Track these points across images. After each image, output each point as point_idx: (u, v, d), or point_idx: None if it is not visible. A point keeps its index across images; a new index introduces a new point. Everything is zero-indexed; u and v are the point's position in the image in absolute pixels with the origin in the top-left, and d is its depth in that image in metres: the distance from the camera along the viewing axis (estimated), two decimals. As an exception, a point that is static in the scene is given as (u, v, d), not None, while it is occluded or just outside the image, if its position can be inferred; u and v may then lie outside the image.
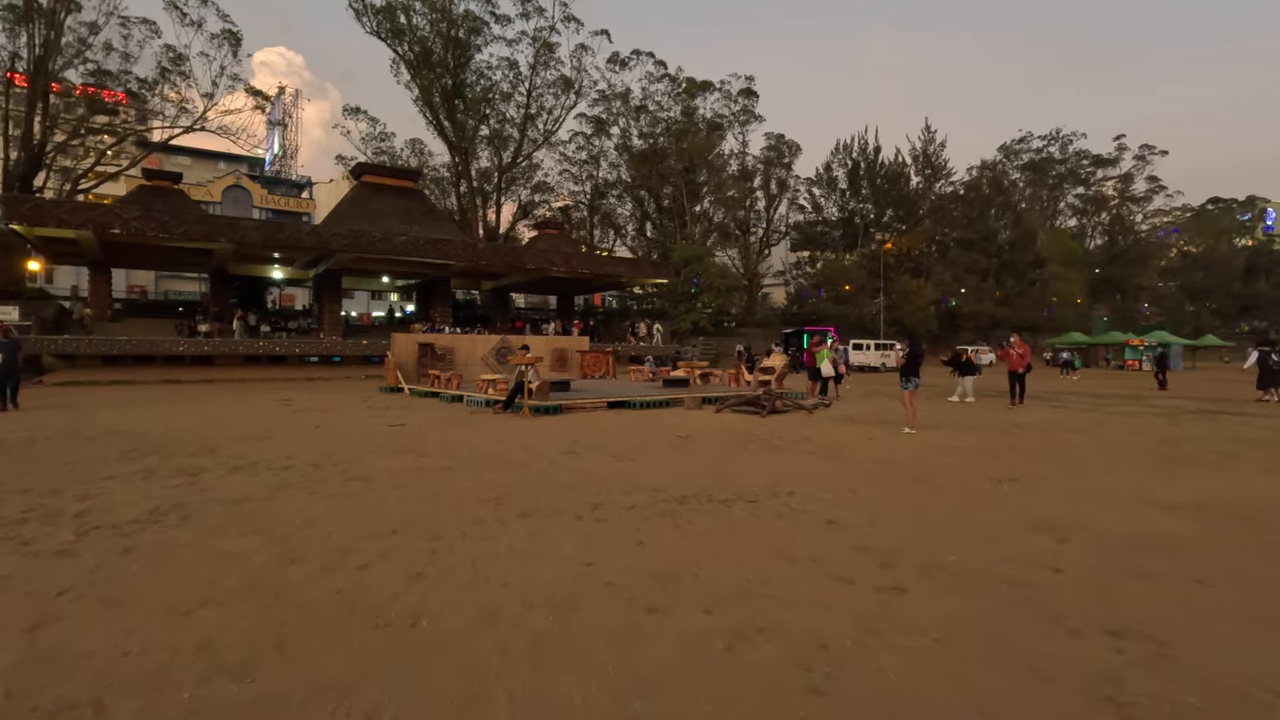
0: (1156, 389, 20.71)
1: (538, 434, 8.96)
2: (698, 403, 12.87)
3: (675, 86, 48.92)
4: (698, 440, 8.48)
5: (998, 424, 10.58)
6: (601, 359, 20.61)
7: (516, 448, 7.74)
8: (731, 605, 3.07)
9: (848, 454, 7.52)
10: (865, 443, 8.43)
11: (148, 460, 6.70)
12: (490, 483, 5.75)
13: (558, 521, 4.48)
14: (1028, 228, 55.50)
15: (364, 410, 12.22)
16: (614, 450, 7.61)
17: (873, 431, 9.57)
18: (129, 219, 22.20)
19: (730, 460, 7.03)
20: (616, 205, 53.19)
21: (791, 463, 6.90)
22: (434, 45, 41.27)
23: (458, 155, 43.61)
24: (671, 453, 7.50)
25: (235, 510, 4.70)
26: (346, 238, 25.75)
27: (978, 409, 13.21)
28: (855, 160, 53.02)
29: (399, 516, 4.56)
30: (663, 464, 6.76)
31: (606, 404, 12.46)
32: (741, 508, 4.92)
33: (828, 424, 10.50)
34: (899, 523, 4.56)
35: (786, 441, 8.44)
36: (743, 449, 7.82)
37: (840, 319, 42.56)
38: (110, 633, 2.70)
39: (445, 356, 18.88)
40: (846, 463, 6.95)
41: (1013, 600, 3.17)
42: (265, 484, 5.59)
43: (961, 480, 6.09)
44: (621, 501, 5.06)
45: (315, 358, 27.56)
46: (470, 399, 13.24)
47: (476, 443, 8.13)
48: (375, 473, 6.13)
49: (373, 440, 8.32)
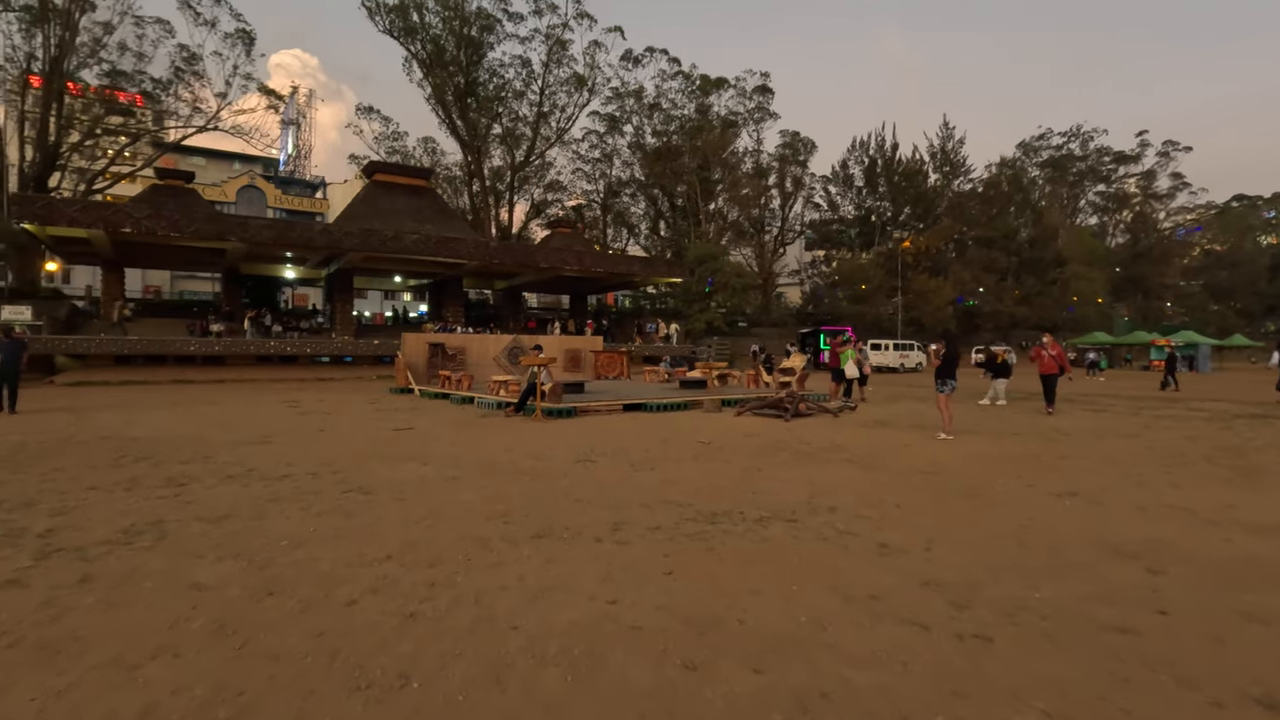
0: (1165, 389, 19.85)
1: (550, 439, 8.47)
2: (717, 405, 12.34)
3: (689, 84, 48.31)
4: (721, 446, 7.95)
5: (1038, 430, 9.95)
6: (616, 359, 20.12)
7: (528, 454, 7.26)
8: (785, 659, 2.55)
9: (885, 462, 6.96)
10: (901, 450, 7.86)
11: (137, 468, 6.30)
12: (499, 495, 5.27)
13: (574, 545, 3.98)
14: (1049, 225, 54.23)
15: (372, 412, 11.82)
16: (632, 458, 7.11)
17: (906, 437, 8.99)
18: (140, 218, 22.04)
19: (759, 470, 6.50)
20: (630, 204, 52.67)
21: (826, 473, 6.36)
22: (446, 43, 41.00)
23: (470, 154, 43.32)
24: (694, 461, 6.98)
25: (217, 529, 4.25)
26: (357, 236, 25.47)
27: (1011, 413, 12.56)
28: (872, 157, 52.10)
29: (396, 538, 4.08)
30: (686, 474, 6.24)
31: (622, 406, 11.97)
32: (780, 528, 4.39)
33: (856, 429, 9.94)
34: (960, 547, 4.01)
35: (816, 448, 7.89)
36: (771, 456, 7.28)
37: (857, 318, 41.78)
38: (35, 692, 2.23)
39: (456, 357, 18.48)
40: (886, 473, 6.40)
41: (1124, 654, 2.62)
42: (255, 496, 5.14)
43: (1016, 494, 5.52)
44: (645, 519, 4.56)
45: (327, 358, 27.32)
46: (481, 401, 12.80)
47: (486, 449, 7.66)
48: (376, 483, 5.67)
49: (377, 445, 7.88)
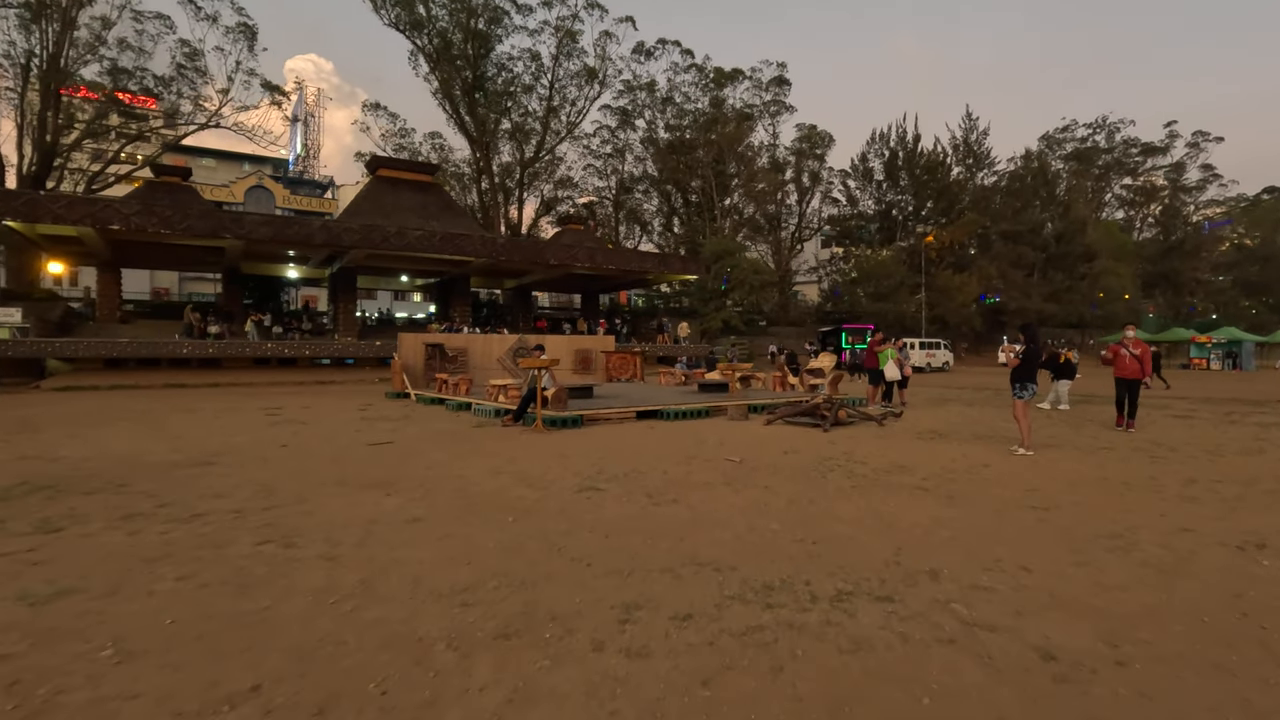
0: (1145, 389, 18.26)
1: (550, 456, 7.08)
2: (743, 412, 10.88)
3: (703, 77, 46.83)
4: (756, 466, 6.51)
5: (1133, 444, 8.38)
6: (629, 360, 18.71)
7: (520, 479, 5.86)
8: None
9: (968, 490, 5.48)
10: (979, 472, 6.36)
11: (22, 504, 4.98)
12: (468, 550, 3.87)
13: (560, 656, 2.56)
14: (1076, 218, 51.98)
15: (356, 421, 10.51)
16: (649, 483, 5.69)
17: (976, 453, 7.49)
18: (129, 214, 21.00)
19: (812, 502, 5.05)
20: (643, 200, 51.25)
21: (900, 508, 4.89)
22: (454, 37, 39.89)
23: (479, 150, 42.17)
24: (727, 487, 5.55)
25: (34, 617, 2.88)
26: (358, 233, 24.31)
27: (1081, 420, 10.99)
28: (893, 149, 50.21)
29: (287, 641, 2.66)
30: (719, 508, 4.82)
31: (635, 414, 10.55)
32: (872, 615, 2.94)
33: (910, 441, 8.44)
34: (1166, 655, 2.55)
35: (875, 469, 6.42)
36: (821, 482, 5.82)
37: (879, 316, 40.01)
38: None
39: (457, 359, 17.19)
40: (977, 507, 4.92)
41: None
42: (136, 551, 3.79)
43: (1179, 546, 4.00)
44: (669, 598, 3.13)
45: (328, 360, 26.20)
46: (478, 408, 11.46)
47: (469, 472, 6.27)
48: (310, 529, 4.29)
49: (342, 465, 6.53)
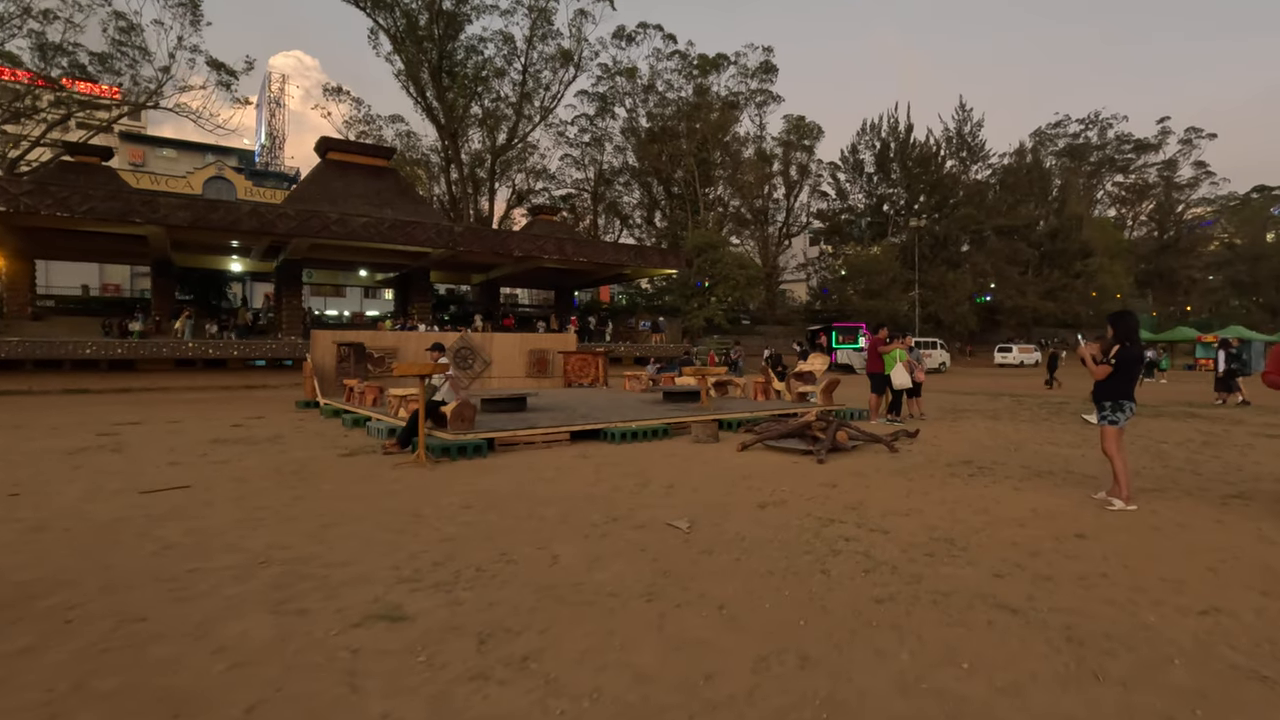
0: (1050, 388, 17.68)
1: (404, 522, 4.57)
2: (712, 430, 8.41)
3: (686, 64, 44.42)
4: (713, 541, 4.03)
5: (1258, 482, 6.01)
6: (589, 362, 16.19)
7: (262, 598, 3.36)
8: None
9: (1080, 601, 3.01)
10: (1070, 548, 3.92)
11: None
12: None
13: None
14: (1072, 214, 50.17)
15: (206, 444, 7.93)
16: (504, 599, 3.15)
17: (1042, 503, 5.04)
18: (18, 194, 18.19)
19: (808, 663, 2.58)
20: (623, 193, 48.72)
21: (971, 644, 2.43)
22: (419, 16, 37.14)
23: (447, 137, 39.47)
24: (645, 608, 3.03)
25: None
26: (294, 219, 21.60)
27: (1148, 439, 8.64)
28: (885, 140, 48.03)
29: None
30: (606, 690, 2.35)
31: (569, 435, 8.02)
32: None
33: (941, 480, 5.99)
34: None
35: (903, 545, 3.95)
36: (820, 581, 3.33)
37: (870, 314, 37.79)
38: None
39: (384, 360, 14.59)
40: (1113, 657, 2.48)
41: None
42: None
43: None
44: None
45: (262, 361, 23.48)
46: (373, 425, 8.92)
47: (236, 569, 3.73)
48: None
49: (40, 550, 3.99)
